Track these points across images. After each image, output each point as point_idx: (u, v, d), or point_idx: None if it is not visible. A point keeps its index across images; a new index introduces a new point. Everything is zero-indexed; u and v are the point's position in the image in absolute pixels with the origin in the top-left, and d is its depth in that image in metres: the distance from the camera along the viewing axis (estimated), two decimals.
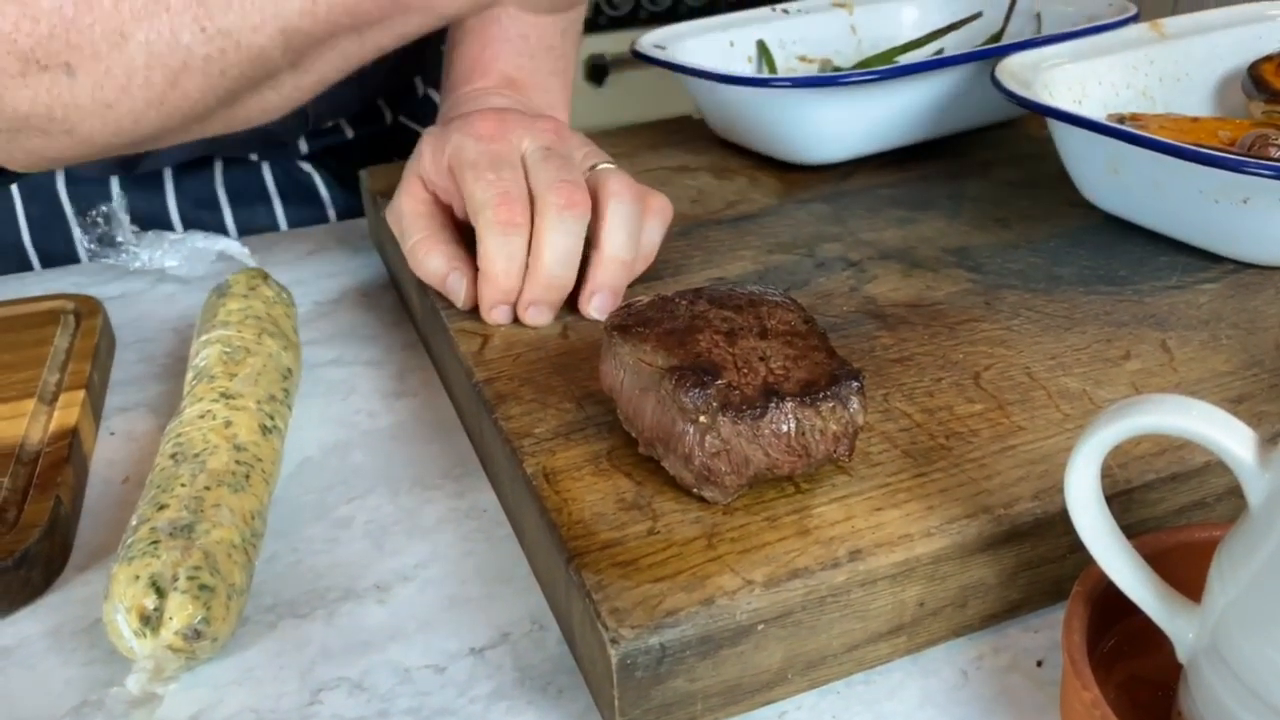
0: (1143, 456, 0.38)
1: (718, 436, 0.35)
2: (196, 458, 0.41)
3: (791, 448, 0.36)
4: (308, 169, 0.78)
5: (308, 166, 0.77)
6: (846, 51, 0.75)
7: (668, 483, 0.38)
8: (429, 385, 0.54)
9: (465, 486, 0.46)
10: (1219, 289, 0.50)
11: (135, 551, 0.37)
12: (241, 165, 0.75)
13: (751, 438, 0.35)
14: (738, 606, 0.33)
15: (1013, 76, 0.57)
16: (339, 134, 0.78)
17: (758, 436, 0.35)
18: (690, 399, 0.36)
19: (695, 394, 0.36)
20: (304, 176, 0.77)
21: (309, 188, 0.78)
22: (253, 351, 0.48)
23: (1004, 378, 0.44)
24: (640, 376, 0.38)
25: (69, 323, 0.56)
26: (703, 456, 0.36)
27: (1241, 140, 0.55)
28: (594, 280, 0.49)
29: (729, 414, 0.35)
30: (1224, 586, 0.29)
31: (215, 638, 0.36)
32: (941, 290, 0.51)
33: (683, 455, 0.36)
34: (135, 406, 0.53)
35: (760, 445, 0.35)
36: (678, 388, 0.36)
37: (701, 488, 0.36)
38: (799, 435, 0.36)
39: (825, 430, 0.36)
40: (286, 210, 0.77)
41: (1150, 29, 0.65)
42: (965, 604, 0.37)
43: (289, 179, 0.77)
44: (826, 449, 0.36)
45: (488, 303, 0.49)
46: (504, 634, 0.39)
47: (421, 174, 0.53)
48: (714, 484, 0.36)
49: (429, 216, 0.52)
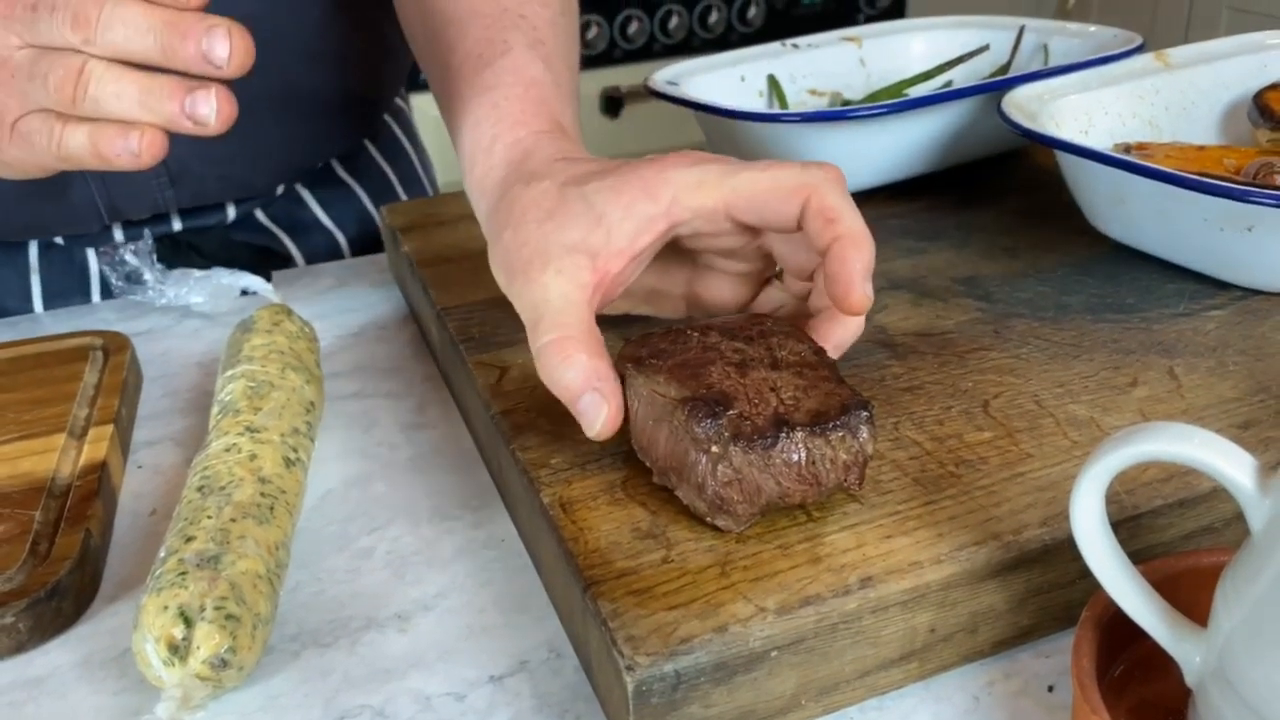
0: (1150, 483, 0.39)
1: (730, 466, 0.36)
2: (222, 490, 0.42)
3: (802, 476, 0.36)
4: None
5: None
6: (856, 85, 0.76)
7: (682, 512, 0.39)
8: (448, 417, 0.55)
9: (484, 517, 0.47)
10: (1226, 316, 0.51)
11: (164, 582, 0.38)
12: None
13: (763, 467, 0.36)
14: (751, 634, 0.34)
15: (1019, 108, 0.58)
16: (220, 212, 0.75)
17: (769, 466, 0.36)
18: (703, 429, 0.36)
19: (707, 424, 0.36)
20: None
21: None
22: (276, 386, 0.49)
23: (1013, 406, 0.44)
24: (654, 407, 0.39)
25: (97, 359, 0.57)
26: (715, 485, 0.36)
27: (1246, 168, 0.56)
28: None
29: (740, 444, 0.36)
30: (1229, 611, 0.30)
31: (241, 666, 0.37)
32: (951, 319, 0.52)
33: (696, 485, 0.37)
34: (162, 440, 0.54)
35: (772, 474, 0.36)
36: (690, 418, 0.37)
37: (715, 516, 0.37)
38: (809, 464, 0.36)
39: (835, 459, 0.37)
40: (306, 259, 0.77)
41: (1155, 59, 0.66)
42: (976, 630, 0.37)
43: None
44: (837, 478, 0.37)
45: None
46: (522, 662, 0.39)
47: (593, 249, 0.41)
48: (727, 512, 0.37)
49: (584, 307, 0.40)
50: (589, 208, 0.41)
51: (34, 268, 0.72)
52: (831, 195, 0.40)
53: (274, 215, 0.78)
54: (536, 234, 0.41)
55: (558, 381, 0.39)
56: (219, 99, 0.38)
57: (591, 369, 0.39)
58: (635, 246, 0.41)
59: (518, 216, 0.43)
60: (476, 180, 0.47)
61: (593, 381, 0.39)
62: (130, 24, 0.37)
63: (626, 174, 0.42)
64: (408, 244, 0.63)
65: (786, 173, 0.41)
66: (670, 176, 0.41)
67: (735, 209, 0.41)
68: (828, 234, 0.40)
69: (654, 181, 0.41)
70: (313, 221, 0.79)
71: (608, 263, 0.41)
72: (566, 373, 0.39)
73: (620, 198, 0.41)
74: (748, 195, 0.41)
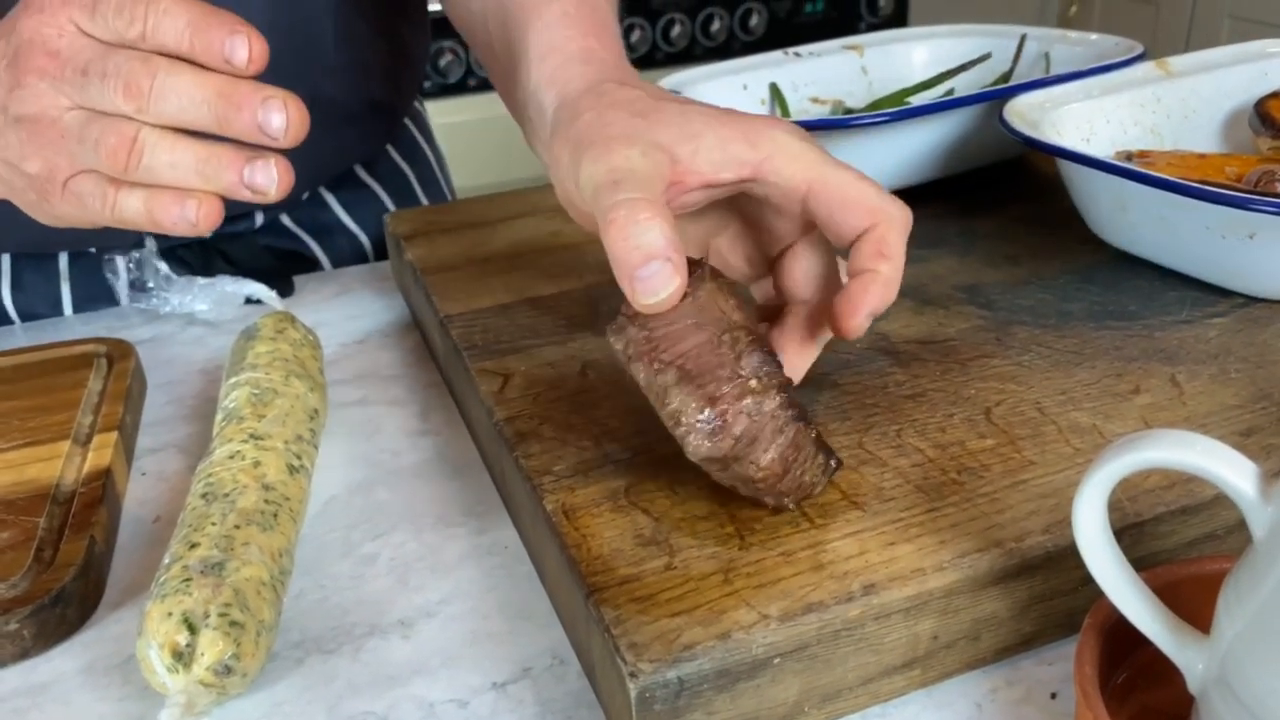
0: (1153, 490, 0.39)
1: (757, 407, 0.36)
2: (226, 497, 0.43)
3: (785, 457, 0.37)
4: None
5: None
6: (858, 93, 0.76)
7: (684, 519, 0.39)
8: (451, 424, 0.55)
9: (487, 524, 0.47)
10: (1228, 323, 0.51)
11: (168, 589, 0.38)
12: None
13: (777, 428, 0.36)
14: (754, 640, 0.34)
15: (1021, 116, 0.58)
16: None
17: (781, 430, 0.36)
18: (754, 363, 0.37)
19: (761, 361, 0.37)
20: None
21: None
22: (280, 393, 0.49)
23: (1015, 413, 0.44)
24: (707, 312, 0.38)
25: (102, 366, 0.57)
26: (728, 409, 0.36)
27: (1248, 176, 0.56)
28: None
29: (781, 394, 0.36)
30: (1231, 618, 0.30)
31: (245, 673, 0.37)
32: (953, 327, 0.52)
33: (705, 395, 0.36)
34: (166, 447, 0.54)
35: (774, 439, 0.36)
36: (751, 348, 0.37)
37: (693, 429, 0.36)
38: (795, 454, 0.37)
39: (805, 471, 0.38)
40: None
41: (1157, 67, 0.66)
42: (978, 637, 0.37)
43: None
44: (793, 484, 0.38)
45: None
46: (525, 669, 0.40)
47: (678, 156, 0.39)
48: (715, 433, 0.36)
49: (662, 186, 0.39)
50: (686, 122, 0.40)
51: (64, 275, 0.73)
52: (895, 233, 0.40)
53: (299, 219, 0.79)
54: (626, 123, 0.40)
55: (636, 240, 0.36)
56: (278, 168, 0.38)
57: (671, 238, 0.37)
58: (716, 177, 0.40)
59: (607, 105, 0.41)
60: (550, 71, 0.45)
61: (670, 250, 0.36)
62: (184, 94, 0.36)
63: (730, 114, 0.41)
64: (411, 251, 0.63)
65: (873, 190, 0.40)
66: (775, 135, 0.40)
67: (814, 197, 0.40)
68: (870, 263, 0.40)
69: (758, 132, 0.40)
70: (336, 224, 0.80)
71: (685, 175, 0.39)
72: (647, 233, 0.36)
73: (718, 129, 0.40)
74: (834, 190, 0.40)
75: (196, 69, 0.37)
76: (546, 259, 0.61)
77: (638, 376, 0.38)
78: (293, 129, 0.37)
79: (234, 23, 0.36)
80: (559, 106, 0.43)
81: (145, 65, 0.37)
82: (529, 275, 0.59)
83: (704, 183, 0.40)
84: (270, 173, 0.37)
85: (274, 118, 0.36)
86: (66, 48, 0.38)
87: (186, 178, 0.37)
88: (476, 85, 2.23)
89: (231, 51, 0.36)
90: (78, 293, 0.73)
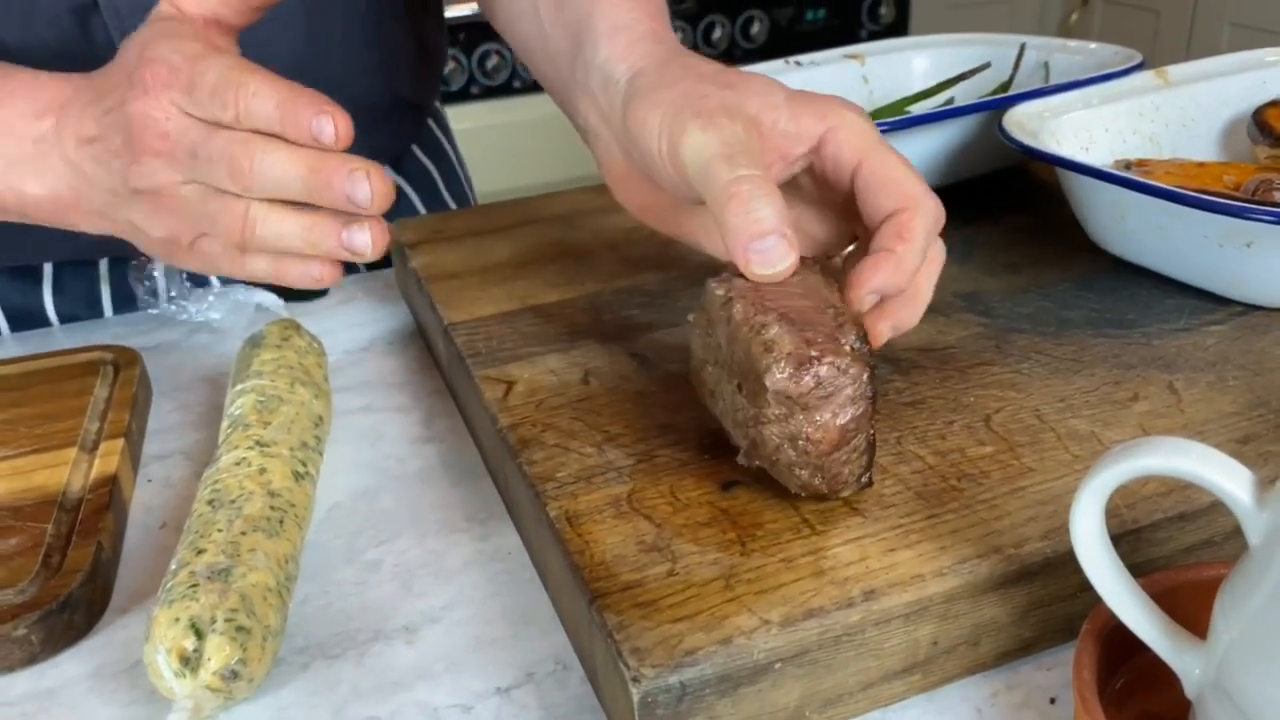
0: (1150, 496, 0.39)
1: (846, 365, 0.37)
2: (233, 504, 0.43)
3: (846, 427, 0.37)
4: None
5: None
6: (858, 102, 0.76)
7: (686, 525, 0.39)
8: (455, 431, 0.55)
9: (490, 530, 0.48)
10: (1226, 331, 0.51)
11: (175, 595, 0.38)
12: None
13: (853, 395, 0.37)
14: (755, 646, 0.34)
15: (1020, 126, 0.59)
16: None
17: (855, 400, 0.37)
18: (854, 340, 0.38)
19: (862, 342, 0.38)
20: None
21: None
22: (285, 400, 0.50)
23: (1014, 420, 0.45)
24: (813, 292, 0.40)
25: (108, 373, 0.58)
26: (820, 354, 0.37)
27: (1246, 185, 0.56)
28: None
29: (870, 372, 0.37)
30: (1227, 624, 0.30)
31: (251, 678, 0.38)
32: (953, 334, 0.52)
33: (803, 337, 0.37)
34: (172, 454, 0.54)
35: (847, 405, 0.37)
36: (850, 326, 0.38)
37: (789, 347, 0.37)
38: (854, 433, 0.38)
39: (850, 462, 0.38)
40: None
41: (1156, 76, 0.66)
42: (978, 642, 0.38)
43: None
44: (837, 464, 0.38)
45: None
46: (529, 674, 0.40)
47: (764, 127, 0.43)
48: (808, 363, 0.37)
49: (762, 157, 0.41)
50: (769, 93, 0.43)
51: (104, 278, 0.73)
52: (920, 220, 0.41)
53: None
54: (719, 95, 0.42)
55: (757, 214, 0.39)
56: (372, 232, 0.40)
57: (786, 215, 0.40)
58: (790, 150, 0.43)
59: (696, 78, 0.44)
60: (621, 46, 0.48)
61: (785, 227, 0.39)
62: (280, 173, 0.39)
63: (805, 92, 0.44)
64: (415, 259, 0.63)
65: (914, 179, 0.42)
66: (843, 112, 0.43)
67: (861, 172, 0.43)
68: (888, 243, 0.41)
69: (827, 106, 0.43)
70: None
71: (765, 151, 0.42)
72: (764, 208, 0.39)
73: (794, 104, 0.43)
74: (880, 168, 0.42)
75: (290, 148, 0.39)
76: (550, 267, 0.61)
77: (734, 313, 0.39)
78: (378, 198, 0.39)
79: (319, 103, 0.38)
80: (635, 75, 0.46)
81: (244, 148, 0.39)
82: (532, 283, 0.59)
83: (780, 157, 0.43)
84: (365, 237, 0.40)
85: (359, 190, 0.38)
86: (174, 130, 0.41)
87: (295, 245, 0.40)
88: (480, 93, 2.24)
89: (319, 131, 0.38)
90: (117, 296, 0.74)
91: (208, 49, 0.41)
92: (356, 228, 0.39)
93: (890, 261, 0.41)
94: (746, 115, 0.42)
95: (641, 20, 0.49)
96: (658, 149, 0.43)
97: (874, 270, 0.41)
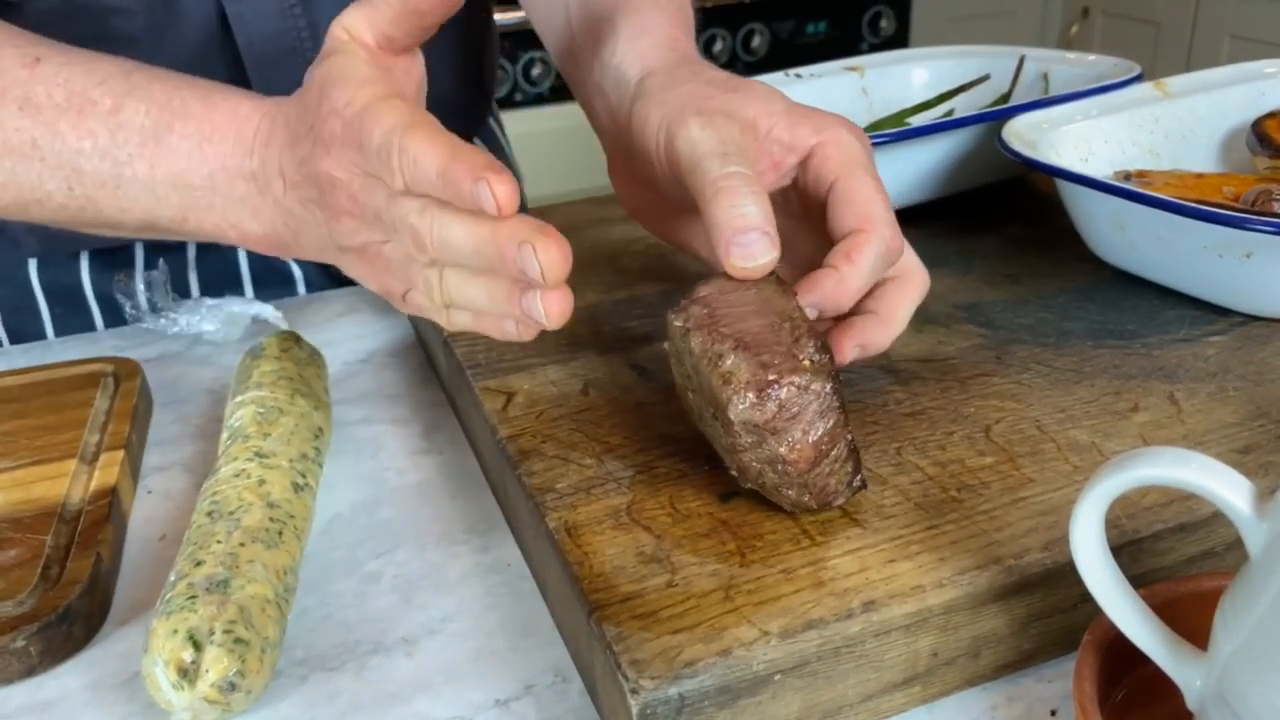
0: (1151, 507, 0.39)
1: (804, 388, 0.37)
2: (232, 515, 0.43)
3: (820, 443, 0.37)
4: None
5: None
6: (858, 114, 0.77)
7: (686, 536, 0.39)
8: (455, 442, 0.55)
9: (490, 541, 0.48)
10: (1226, 341, 0.51)
11: (173, 606, 0.38)
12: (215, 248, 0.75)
13: (820, 410, 0.37)
14: (754, 657, 0.34)
15: (1019, 137, 0.59)
16: None
17: (823, 414, 0.37)
18: (812, 352, 0.38)
19: (816, 350, 0.38)
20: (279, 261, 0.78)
21: (283, 270, 0.78)
22: (285, 411, 0.50)
23: (1014, 431, 0.45)
24: (767, 293, 0.40)
25: (109, 385, 0.58)
26: (779, 379, 0.37)
27: (1245, 196, 0.56)
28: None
29: (834, 383, 0.37)
30: (1228, 634, 0.30)
31: (249, 690, 0.37)
32: (953, 345, 0.52)
33: (757, 360, 0.37)
34: (172, 466, 0.54)
35: (816, 420, 0.37)
36: (811, 335, 0.38)
37: (742, 388, 0.37)
38: (830, 446, 0.37)
39: (833, 473, 0.38)
40: (258, 293, 0.78)
41: (1155, 88, 0.67)
42: (978, 654, 0.38)
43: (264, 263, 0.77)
44: (820, 480, 0.38)
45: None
46: (528, 686, 0.40)
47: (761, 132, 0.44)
48: (762, 397, 0.37)
49: (754, 159, 0.43)
50: (770, 101, 0.45)
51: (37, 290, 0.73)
52: (872, 245, 0.42)
53: None
54: (722, 98, 0.44)
55: (742, 209, 0.40)
56: (545, 303, 0.38)
57: (770, 214, 0.41)
58: (782, 159, 0.44)
59: (704, 80, 0.45)
60: (640, 49, 0.50)
61: (768, 225, 0.40)
62: (457, 246, 0.38)
63: (807, 106, 0.45)
64: None
65: (881, 207, 0.43)
66: (837, 129, 0.44)
67: (835, 190, 0.43)
68: (835, 260, 0.42)
69: (824, 120, 0.45)
70: None
71: (759, 156, 0.44)
72: (750, 205, 0.40)
73: (793, 114, 0.44)
74: (852, 188, 0.43)
75: (465, 220, 0.38)
76: None
77: (693, 346, 0.39)
78: (548, 272, 0.37)
79: (476, 169, 0.36)
80: (646, 75, 0.48)
81: (421, 219, 0.39)
82: None
83: (772, 165, 0.44)
84: (537, 308, 0.38)
85: (529, 266, 0.37)
86: (360, 191, 0.40)
87: (483, 308, 0.40)
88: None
89: (480, 200, 0.36)
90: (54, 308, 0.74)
91: (374, 96, 0.40)
92: (531, 297, 0.38)
93: (832, 279, 0.42)
94: (746, 118, 0.43)
95: (663, 27, 0.51)
96: (655, 143, 0.44)
97: (814, 284, 0.42)
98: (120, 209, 0.47)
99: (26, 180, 0.47)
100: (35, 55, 0.47)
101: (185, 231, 0.48)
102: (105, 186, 0.46)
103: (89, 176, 0.46)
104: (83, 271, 0.75)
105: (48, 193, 0.47)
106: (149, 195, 0.46)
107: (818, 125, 0.44)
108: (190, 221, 0.47)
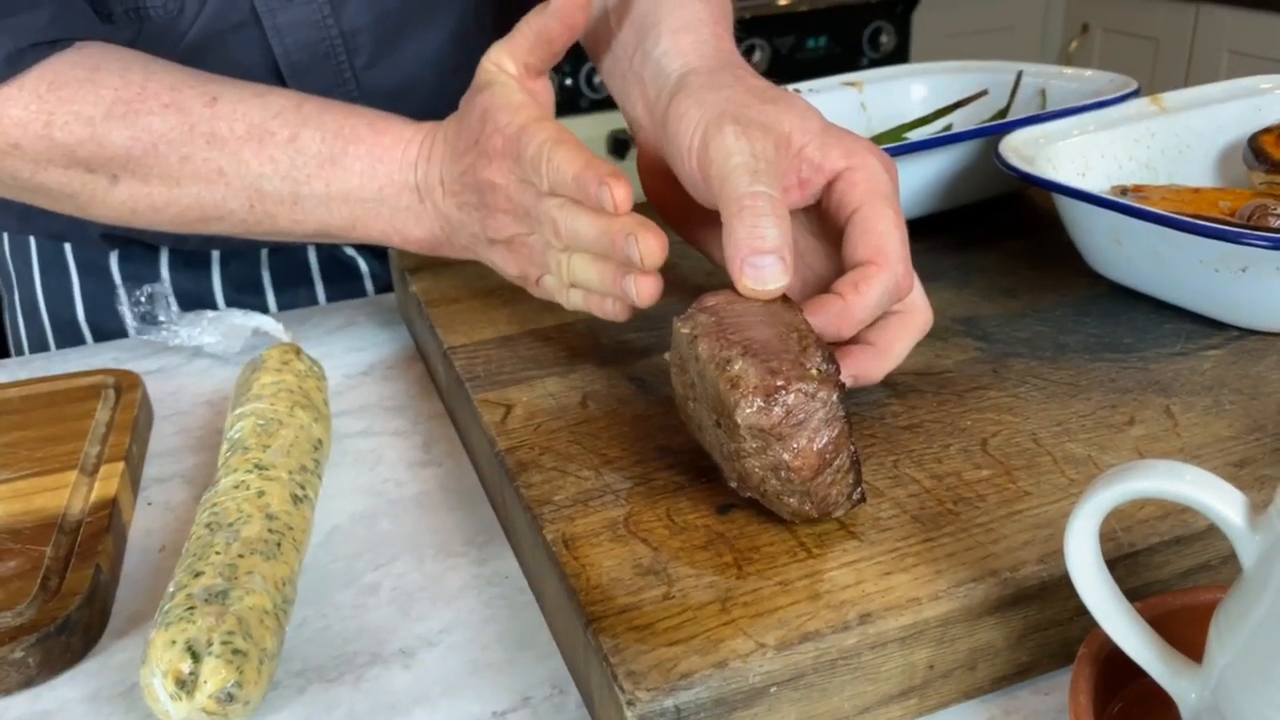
0: (1146, 520, 0.39)
1: (814, 390, 0.37)
2: (231, 527, 0.43)
3: (825, 451, 0.38)
4: (350, 251, 0.80)
5: (351, 250, 0.80)
6: (857, 129, 0.77)
7: (683, 549, 0.39)
8: (454, 455, 0.55)
9: (488, 553, 0.48)
10: (1222, 355, 0.51)
11: (172, 617, 0.38)
12: (287, 249, 0.78)
13: (826, 418, 0.37)
14: (750, 669, 0.34)
15: (1016, 152, 0.59)
16: None
17: (829, 422, 0.37)
18: (821, 361, 0.38)
19: (825, 360, 0.38)
20: (347, 258, 0.80)
21: (351, 267, 0.80)
22: (285, 424, 0.50)
23: (1011, 444, 0.45)
24: (776, 318, 0.41)
25: (109, 397, 0.58)
26: (787, 384, 0.37)
27: (1241, 210, 0.56)
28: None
29: (840, 392, 0.38)
30: (1222, 647, 0.30)
31: (248, 701, 0.37)
32: (950, 358, 0.52)
33: (766, 366, 0.38)
34: (172, 477, 0.55)
35: (822, 428, 0.38)
36: (820, 347, 0.39)
37: (748, 393, 0.37)
38: (834, 454, 0.38)
39: (835, 483, 0.38)
40: (328, 290, 0.79)
41: (1151, 103, 0.67)
42: (975, 666, 0.38)
43: (332, 260, 0.79)
44: (822, 488, 0.38)
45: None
46: (525, 698, 0.40)
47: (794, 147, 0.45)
48: (766, 403, 0.37)
49: (782, 177, 0.45)
50: (807, 118, 0.46)
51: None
52: (884, 278, 0.43)
53: None
54: (760, 109, 0.45)
55: (762, 231, 0.41)
56: (638, 284, 0.46)
57: (789, 239, 0.42)
58: (810, 179, 0.45)
59: (744, 88, 0.47)
60: (683, 44, 0.52)
61: (785, 250, 0.41)
62: (584, 235, 0.46)
63: (840, 129, 0.47)
64: (416, 284, 0.64)
65: (897, 241, 0.44)
66: (866, 156, 0.45)
67: (854, 219, 0.44)
68: (841, 288, 0.43)
69: (855, 144, 0.46)
70: None
71: (788, 172, 0.45)
72: (771, 228, 0.41)
73: (827, 134, 0.45)
74: (871, 218, 0.44)
75: (589, 214, 0.46)
76: None
77: (699, 351, 0.40)
78: (647, 257, 0.44)
79: (601, 176, 0.44)
80: (687, 72, 0.50)
81: (560, 213, 0.46)
82: (531, 307, 0.60)
83: (799, 183, 0.45)
84: (632, 287, 0.46)
85: (633, 251, 0.44)
86: (515, 194, 0.49)
87: (596, 287, 0.48)
88: None
89: (601, 200, 0.44)
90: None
91: (529, 117, 0.48)
92: (630, 278, 0.46)
93: (836, 306, 0.42)
94: (781, 131, 0.45)
95: (706, 23, 0.52)
96: (689, 143, 0.45)
97: (817, 308, 0.43)
98: (295, 221, 0.55)
99: (211, 200, 0.55)
100: (211, 95, 0.54)
101: (352, 237, 0.56)
102: (284, 204, 0.55)
103: (269, 196, 0.54)
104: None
105: (230, 210, 0.55)
106: (323, 209, 0.55)
107: (849, 149, 0.45)
108: (358, 229, 0.55)
